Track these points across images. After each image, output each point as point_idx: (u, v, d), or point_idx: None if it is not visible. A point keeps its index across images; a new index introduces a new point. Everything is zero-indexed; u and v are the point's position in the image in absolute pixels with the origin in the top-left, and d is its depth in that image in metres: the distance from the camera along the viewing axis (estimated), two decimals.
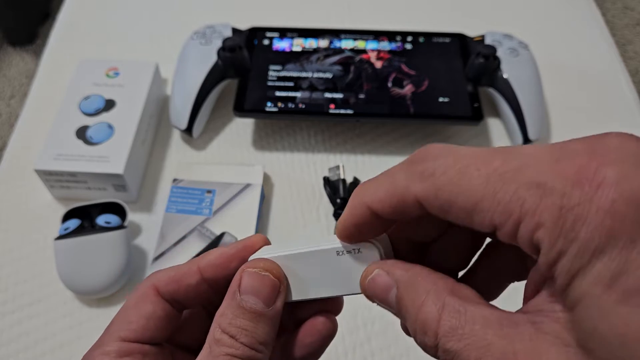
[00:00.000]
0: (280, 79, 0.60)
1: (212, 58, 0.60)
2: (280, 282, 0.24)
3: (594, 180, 0.15)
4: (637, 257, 0.14)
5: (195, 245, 0.50)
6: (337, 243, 0.24)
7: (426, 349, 0.19)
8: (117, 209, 0.52)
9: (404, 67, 0.61)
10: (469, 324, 0.17)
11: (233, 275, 0.25)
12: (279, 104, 0.58)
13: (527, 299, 0.19)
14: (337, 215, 0.54)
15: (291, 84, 0.60)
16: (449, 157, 0.19)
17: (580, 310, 0.15)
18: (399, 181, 0.20)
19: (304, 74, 0.60)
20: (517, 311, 0.18)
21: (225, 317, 0.23)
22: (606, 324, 0.14)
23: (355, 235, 0.23)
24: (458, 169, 0.18)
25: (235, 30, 0.64)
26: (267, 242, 0.26)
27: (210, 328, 0.24)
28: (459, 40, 0.64)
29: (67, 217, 0.52)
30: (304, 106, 0.58)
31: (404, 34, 0.65)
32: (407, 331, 0.22)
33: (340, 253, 0.24)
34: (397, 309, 0.21)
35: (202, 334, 0.25)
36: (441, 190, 0.18)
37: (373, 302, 0.23)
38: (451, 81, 0.60)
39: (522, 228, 0.16)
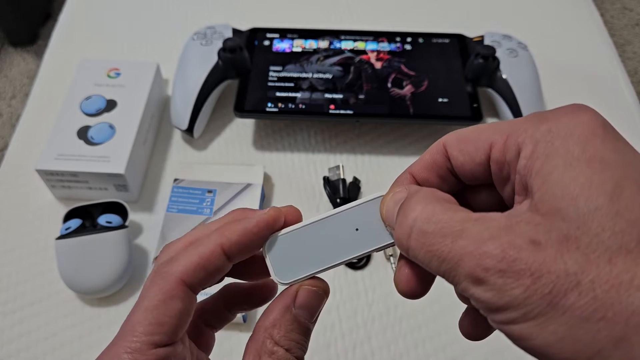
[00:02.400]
0: (280, 79, 0.60)
1: (213, 58, 0.60)
2: (326, 299, 0.25)
3: (567, 109, 0.21)
4: (597, 143, 0.19)
5: None
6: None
7: (401, 243, 0.22)
8: (119, 209, 0.53)
9: (404, 68, 0.62)
10: (449, 214, 0.21)
11: (254, 250, 0.25)
12: (279, 105, 0.58)
13: None
14: None
15: (291, 84, 0.60)
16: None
17: (551, 178, 0.19)
18: (436, 142, 0.25)
19: (304, 75, 0.61)
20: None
21: (279, 329, 0.24)
22: (571, 179, 0.19)
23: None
24: (475, 125, 0.24)
25: (235, 31, 0.64)
26: (282, 219, 0.26)
27: (257, 337, 0.24)
28: (458, 40, 0.64)
29: (68, 216, 0.52)
30: (304, 106, 0.58)
31: (403, 35, 0.65)
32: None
33: (355, 209, 0.26)
34: (396, 217, 0.23)
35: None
36: (460, 133, 0.24)
37: (387, 223, 0.25)
38: (450, 82, 0.61)
39: (510, 138, 0.21)
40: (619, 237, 0.17)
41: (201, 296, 0.26)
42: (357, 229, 0.25)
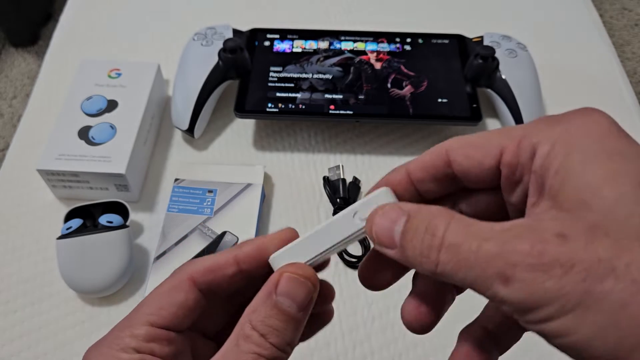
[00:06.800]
0: (280, 79, 0.61)
1: (213, 59, 0.61)
2: (315, 290, 0.25)
3: (578, 112, 0.21)
4: (613, 139, 0.20)
5: (196, 244, 0.51)
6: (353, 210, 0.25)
7: (429, 259, 0.21)
8: (119, 209, 0.53)
9: (403, 68, 0.62)
10: (473, 226, 0.20)
11: (263, 265, 0.26)
12: (280, 105, 0.59)
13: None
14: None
15: (291, 84, 0.60)
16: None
17: (573, 173, 0.19)
18: (437, 146, 0.25)
19: (304, 75, 0.61)
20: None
21: (258, 314, 0.24)
22: (594, 173, 0.19)
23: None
24: (480, 132, 0.24)
25: (236, 32, 0.64)
26: (295, 235, 0.26)
27: (240, 322, 0.24)
28: (458, 41, 0.65)
29: (69, 216, 0.52)
30: (304, 107, 0.59)
31: (403, 35, 0.65)
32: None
33: (356, 209, 0.25)
34: (400, 237, 0.22)
35: (219, 319, 0.28)
36: (465, 139, 0.24)
37: (374, 241, 0.24)
38: (450, 82, 0.61)
39: (524, 141, 0.22)
40: None
41: None
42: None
